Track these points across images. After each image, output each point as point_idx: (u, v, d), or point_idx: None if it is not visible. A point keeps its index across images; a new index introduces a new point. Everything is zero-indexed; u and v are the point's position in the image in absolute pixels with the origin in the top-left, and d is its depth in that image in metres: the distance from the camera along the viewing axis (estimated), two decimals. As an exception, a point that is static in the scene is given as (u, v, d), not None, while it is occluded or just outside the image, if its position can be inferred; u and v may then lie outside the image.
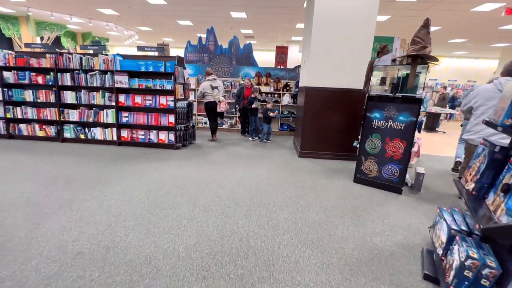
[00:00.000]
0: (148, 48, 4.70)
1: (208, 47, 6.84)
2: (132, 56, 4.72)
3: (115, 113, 4.74)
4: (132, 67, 4.58)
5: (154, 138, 4.79)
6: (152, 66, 4.54)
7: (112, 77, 4.63)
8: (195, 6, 7.78)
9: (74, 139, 4.96)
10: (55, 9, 8.75)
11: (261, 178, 3.44)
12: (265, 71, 6.79)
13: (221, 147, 5.13)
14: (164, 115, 4.69)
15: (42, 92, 4.83)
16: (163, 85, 4.59)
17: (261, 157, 4.49)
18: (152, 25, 10.79)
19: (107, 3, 7.94)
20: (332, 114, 4.35)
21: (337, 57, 4.15)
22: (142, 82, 4.63)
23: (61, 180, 3.09)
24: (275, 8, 7.65)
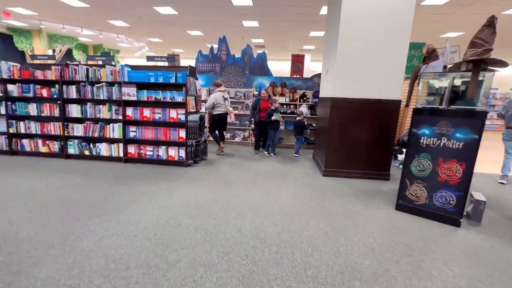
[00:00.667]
0: (158, 58, 4.40)
1: (220, 56, 6.53)
2: (141, 67, 4.41)
3: (122, 127, 4.39)
4: (140, 78, 4.26)
5: (163, 154, 4.40)
6: (162, 77, 4.21)
7: (119, 89, 4.32)
8: (206, 15, 7.57)
9: (78, 156, 4.62)
10: (66, 22, 8.73)
11: (285, 203, 2.96)
12: (280, 80, 6.40)
13: (235, 163, 4.69)
14: (174, 130, 4.31)
15: (47, 105, 4.55)
16: (173, 97, 4.23)
17: (281, 176, 4.01)
18: (162, 36, 10.70)
19: (117, 15, 7.83)
20: (361, 128, 3.87)
21: (367, 65, 3.70)
22: (151, 94, 4.29)
23: (58, 206, 2.69)
24: (288, 16, 7.35)
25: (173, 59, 4.27)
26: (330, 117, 3.92)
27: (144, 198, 2.97)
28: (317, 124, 5.21)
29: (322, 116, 4.70)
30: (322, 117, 4.69)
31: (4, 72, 4.53)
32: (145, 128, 4.39)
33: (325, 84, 4.62)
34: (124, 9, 7.26)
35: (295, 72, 6.69)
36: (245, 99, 6.42)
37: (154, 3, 6.67)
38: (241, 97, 6.43)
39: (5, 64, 4.53)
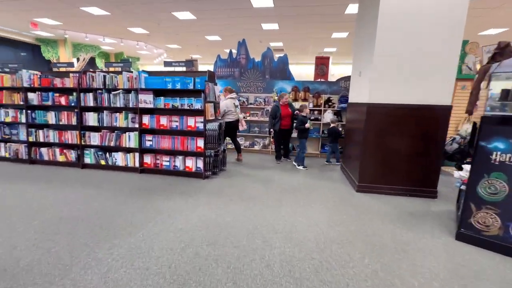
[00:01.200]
0: (176, 63, 4.17)
1: (239, 61, 6.26)
2: (158, 73, 4.20)
3: (138, 136, 4.18)
4: (157, 84, 4.04)
5: (180, 165, 4.13)
6: (180, 83, 3.96)
7: (136, 96, 4.12)
8: (225, 19, 7.36)
9: (94, 165, 4.47)
10: (88, 30, 8.91)
11: (319, 228, 2.53)
12: (303, 85, 5.99)
13: (256, 175, 4.31)
14: (192, 139, 4.03)
15: (64, 114, 4.46)
16: (191, 104, 3.96)
17: (309, 191, 3.58)
18: (181, 42, 10.68)
19: (137, 22, 7.83)
20: (402, 137, 3.36)
21: (411, 66, 3.22)
22: (168, 101, 4.05)
23: (67, 225, 2.45)
24: (311, 17, 6.96)
25: (191, 64, 4.01)
26: (365, 125, 3.45)
27: (159, 218, 2.66)
28: (346, 132, 4.73)
29: (352, 124, 4.22)
30: (352, 124, 4.22)
31: (25, 80, 4.51)
32: (162, 137, 4.15)
33: (357, 88, 4.15)
34: (144, 15, 7.23)
35: (319, 75, 6.26)
36: (265, 104, 6.07)
37: (173, 8, 6.56)
38: (261, 102, 6.09)
39: (26, 73, 4.50)
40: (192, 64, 4.09)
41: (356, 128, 3.95)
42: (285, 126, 5.03)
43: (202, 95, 3.88)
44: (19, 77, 4.53)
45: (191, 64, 4.08)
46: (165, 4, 6.29)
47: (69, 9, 6.71)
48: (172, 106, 4.04)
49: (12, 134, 4.78)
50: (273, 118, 4.94)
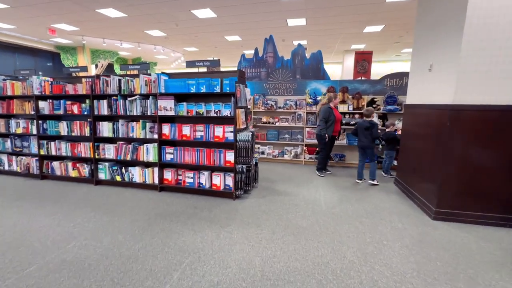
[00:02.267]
0: (199, 63, 3.58)
1: (266, 59, 5.60)
2: (180, 75, 3.61)
3: (157, 148, 3.60)
4: (179, 88, 3.44)
5: (205, 182, 3.49)
6: (205, 85, 3.34)
7: (155, 102, 3.56)
8: (248, 16, 6.75)
9: (109, 182, 3.94)
10: (106, 35, 8.64)
11: (405, 283, 1.76)
12: (340, 84, 5.22)
13: (297, 194, 3.59)
14: (220, 152, 3.39)
15: (77, 124, 3.98)
16: (219, 110, 3.33)
17: (369, 218, 2.81)
18: (199, 44, 10.23)
19: (154, 23, 7.41)
20: (499, 150, 2.52)
21: None
22: (191, 108, 3.44)
23: (68, 276, 1.85)
24: (345, 8, 6.18)
25: (218, 63, 3.38)
26: (448, 134, 2.63)
27: (186, 263, 2.01)
28: (403, 140, 3.89)
29: (417, 130, 3.40)
30: (417, 131, 3.39)
31: (36, 87, 4.09)
32: (184, 149, 3.54)
33: (424, 86, 3.33)
34: (161, 16, 6.78)
35: (359, 73, 5.45)
36: (296, 108, 5.35)
37: (193, 5, 6.03)
38: (291, 106, 5.38)
39: (36, 79, 4.09)
40: (218, 63, 3.47)
41: (425, 136, 3.13)
42: (336, 133, 4.32)
43: (232, 100, 3.23)
44: (30, 84, 4.12)
45: (217, 63, 3.46)
46: (184, 2, 5.77)
47: (85, 12, 6.38)
48: (196, 113, 3.43)
49: (24, 147, 4.39)
50: (325, 121, 4.22)
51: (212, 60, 3.47)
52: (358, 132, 3.99)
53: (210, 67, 3.52)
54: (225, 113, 3.31)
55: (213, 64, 3.47)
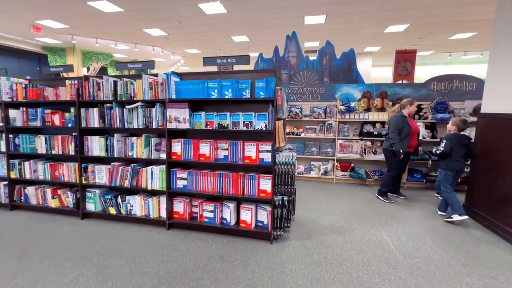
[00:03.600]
0: (222, 60, 2.73)
1: (288, 60, 4.80)
2: (196, 74, 2.76)
3: (165, 172, 2.72)
4: (195, 92, 2.59)
5: (230, 218, 2.61)
6: (231, 89, 2.50)
7: (162, 111, 2.69)
8: (262, 12, 5.97)
9: (100, 215, 3.01)
10: (99, 34, 7.74)
11: None
12: (378, 89, 4.44)
13: (352, 232, 2.73)
14: (252, 178, 2.52)
15: (58, 139, 3.06)
16: (250, 122, 2.48)
17: (476, 277, 1.96)
18: (202, 46, 9.41)
19: (154, 20, 6.56)
20: None
21: None
22: (212, 118, 2.59)
23: None
24: (371, 2, 5.46)
25: (247, 59, 2.54)
26: None
27: None
28: (480, 159, 3.09)
29: (504, 147, 2.60)
30: (503, 148, 2.60)
31: (4, 92, 3.16)
32: (202, 173, 2.66)
33: (495, 86, 2.55)
34: (163, 11, 5.94)
35: (400, 76, 4.69)
36: (326, 117, 4.54)
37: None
38: (319, 114, 4.56)
39: (5, 81, 3.17)
40: (247, 60, 2.64)
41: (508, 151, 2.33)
42: (411, 148, 3.51)
43: (270, 108, 2.38)
44: (-3, 87, 3.20)
45: (246, 60, 2.63)
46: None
47: (74, 4, 5.50)
48: (219, 125, 2.57)
49: (-10, 167, 3.44)
50: (399, 132, 3.41)
51: (239, 57, 2.64)
52: (453, 150, 3.07)
53: (232, 65, 2.69)
54: (259, 126, 2.46)
55: (241, 60, 2.64)
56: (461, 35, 7.89)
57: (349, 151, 4.45)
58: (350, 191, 4.12)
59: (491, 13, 6.09)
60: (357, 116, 4.38)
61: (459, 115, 4.00)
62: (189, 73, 2.79)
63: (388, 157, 3.55)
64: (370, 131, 4.34)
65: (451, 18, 6.42)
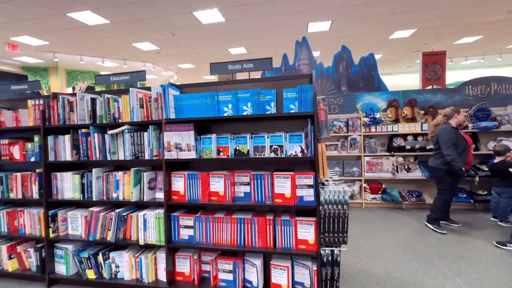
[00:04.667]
0: (235, 66, 2.06)
1: (299, 68, 4.25)
2: (199, 85, 2.11)
3: (163, 218, 1.98)
4: (202, 109, 1.92)
5: (257, 280, 1.86)
6: (251, 102, 1.84)
7: (158, 135, 2.00)
8: (261, 19, 5.49)
9: (75, 280, 2.21)
10: (83, 50, 7.10)
11: None
12: (405, 96, 3.88)
13: (421, 284, 2.01)
14: (286, 223, 1.81)
15: (17, 177, 2.30)
16: (279, 146, 1.81)
17: None
18: (196, 60, 8.87)
19: (146, 33, 5.99)
20: None
21: None
22: (225, 143, 1.91)
23: None
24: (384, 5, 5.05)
25: (269, 64, 1.90)
26: None
27: None
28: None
29: None
30: None
31: None
32: (215, 219, 1.93)
33: None
34: (155, 21, 5.38)
35: (429, 81, 4.15)
36: (348, 131, 3.92)
37: (196, 5, 4.69)
38: (340, 128, 3.94)
39: (-51, 105, 2.43)
40: (269, 65, 2.00)
41: None
42: (468, 165, 2.93)
43: (309, 127, 1.72)
44: None
45: (268, 65, 1.99)
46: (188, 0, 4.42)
47: (54, 17, 4.87)
48: (236, 152, 1.88)
49: None
50: (454, 147, 2.77)
51: (258, 60, 2.01)
52: None
53: (254, 67, 2.04)
54: (292, 151, 1.79)
55: (261, 65, 2.00)
56: (467, 39, 7.62)
57: (378, 170, 3.80)
58: (385, 218, 3.43)
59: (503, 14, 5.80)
60: (384, 128, 3.78)
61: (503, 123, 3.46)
62: (192, 85, 2.13)
63: (439, 177, 2.90)
64: (401, 145, 3.73)
65: (463, 20, 6.09)
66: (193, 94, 1.96)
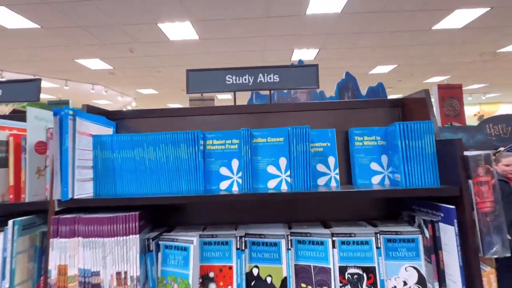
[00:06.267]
0: (238, 78, 1.03)
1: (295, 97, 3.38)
2: (163, 116, 0.97)
3: None
4: (163, 173, 0.76)
5: None
6: (288, 158, 0.76)
7: (35, 245, 0.74)
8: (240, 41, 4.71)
9: None
10: (3, 63, 5.42)
11: None
12: (424, 135, 3.21)
13: None
14: None
15: None
16: (366, 268, 0.71)
17: None
18: (160, 85, 7.66)
19: (95, 47, 4.71)
20: None
21: None
22: (223, 258, 0.75)
23: None
24: (375, 37, 4.70)
25: (313, 79, 0.88)
26: None
27: None
28: None
29: None
30: None
31: None
32: None
33: None
34: (106, 30, 4.19)
35: (448, 117, 3.56)
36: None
37: (164, 15, 3.70)
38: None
39: None
40: (314, 81, 1.00)
41: None
42: None
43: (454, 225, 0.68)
44: None
45: (312, 80, 0.99)
46: (153, 6, 3.40)
47: None
48: (254, 283, 0.73)
49: None
50: None
51: (291, 69, 0.99)
52: None
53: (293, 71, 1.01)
54: (398, 284, 0.70)
55: (301, 78, 0.98)
56: (436, 78, 7.92)
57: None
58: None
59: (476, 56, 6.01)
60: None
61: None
62: (144, 112, 0.98)
63: None
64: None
65: (439, 59, 6.16)
66: (144, 136, 0.80)
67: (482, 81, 8.55)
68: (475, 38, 4.94)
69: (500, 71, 7.33)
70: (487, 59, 6.26)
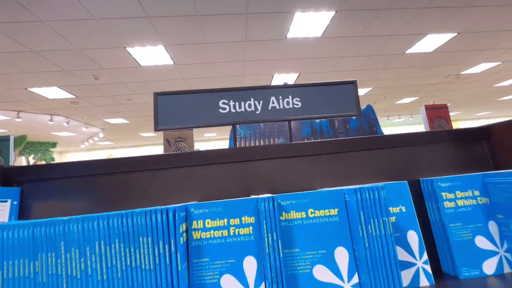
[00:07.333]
0: (240, 104, 0.68)
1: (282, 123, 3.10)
2: None
3: None
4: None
5: None
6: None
7: None
8: (224, 65, 4.48)
9: None
10: None
11: None
12: (420, 158, 3.04)
13: None
14: None
15: None
16: None
17: None
18: (131, 114, 7.08)
19: (53, 73, 4.16)
20: None
21: None
22: None
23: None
24: (351, 60, 4.74)
25: (354, 105, 0.64)
26: None
27: None
28: None
29: None
30: None
31: None
32: None
33: None
34: (66, 55, 3.71)
35: None
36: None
37: (132, 39, 3.35)
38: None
39: None
40: (354, 107, 0.68)
41: None
42: None
43: None
44: None
45: (352, 107, 0.67)
46: (118, 29, 3.05)
47: None
48: None
49: None
50: None
51: (320, 87, 0.68)
52: None
53: None
54: None
55: (338, 104, 0.65)
56: (406, 100, 8.32)
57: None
58: None
59: (441, 78, 6.40)
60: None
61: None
62: (73, 166, 0.55)
63: None
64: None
65: (410, 81, 6.45)
66: (62, 224, 0.38)
67: (446, 100, 9.19)
68: (442, 61, 5.23)
69: (461, 91, 7.93)
70: (450, 81, 6.72)
